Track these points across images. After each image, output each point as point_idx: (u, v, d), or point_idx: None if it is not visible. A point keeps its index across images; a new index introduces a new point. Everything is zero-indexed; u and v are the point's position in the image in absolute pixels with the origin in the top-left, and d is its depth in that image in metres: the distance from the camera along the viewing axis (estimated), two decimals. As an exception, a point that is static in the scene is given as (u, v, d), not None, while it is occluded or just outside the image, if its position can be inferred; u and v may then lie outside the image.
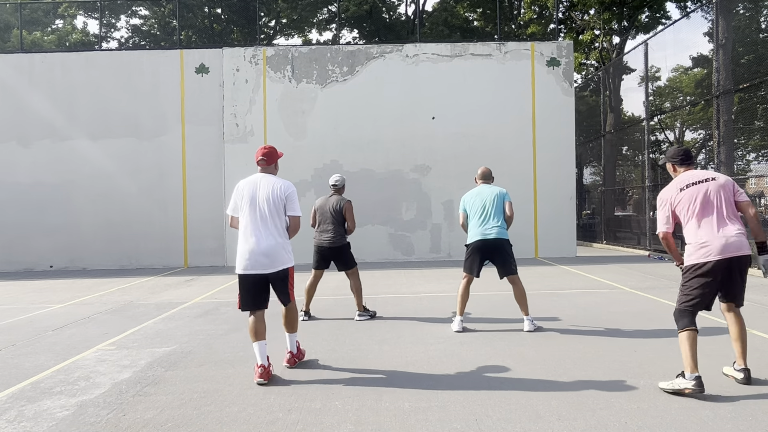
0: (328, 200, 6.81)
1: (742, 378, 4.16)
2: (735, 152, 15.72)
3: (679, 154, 4.40)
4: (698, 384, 3.87)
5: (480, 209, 5.96)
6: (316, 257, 6.83)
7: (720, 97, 12.08)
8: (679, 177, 4.32)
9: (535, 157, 14.30)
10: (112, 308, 8.00)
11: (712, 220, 4.12)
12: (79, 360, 5.16)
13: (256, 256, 4.43)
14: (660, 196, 4.37)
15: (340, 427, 3.47)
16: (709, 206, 4.14)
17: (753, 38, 14.93)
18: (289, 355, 4.79)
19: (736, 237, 4.07)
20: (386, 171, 14.34)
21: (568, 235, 14.29)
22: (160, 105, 14.29)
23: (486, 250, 5.94)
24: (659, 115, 20.67)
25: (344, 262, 6.79)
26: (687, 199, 4.18)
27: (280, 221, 4.50)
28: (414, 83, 14.33)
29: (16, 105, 14.19)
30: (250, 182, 4.61)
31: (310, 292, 6.90)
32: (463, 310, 6.07)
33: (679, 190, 4.23)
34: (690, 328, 4.05)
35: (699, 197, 4.15)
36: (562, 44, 14.68)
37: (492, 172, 6.38)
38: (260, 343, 4.45)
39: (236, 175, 14.17)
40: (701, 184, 4.19)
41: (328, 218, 6.69)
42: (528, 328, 5.90)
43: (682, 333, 4.07)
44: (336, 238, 6.67)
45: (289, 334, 4.80)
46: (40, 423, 3.64)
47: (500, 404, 3.78)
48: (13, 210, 14.04)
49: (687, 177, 4.27)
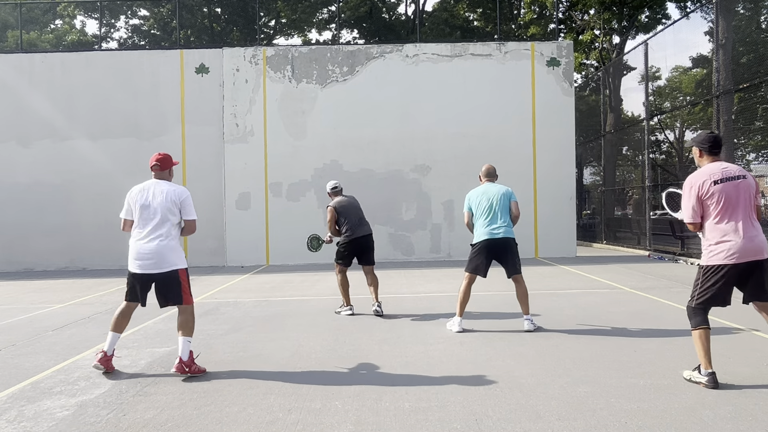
0: (349, 199, 7.07)
1: None
2: (735, 152, 15.71)
3: (709, 141, 4.15)
4: (712, 380, 3.97)
5: (487, 208, 5.89)
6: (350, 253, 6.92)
7: (720, 97, 12.08)
8: (711, 166, 4.11)
9: (535, 157, 14.30)
10: (112, 308, 7.99)
11: (738, 220, 4.00)
12: (79, 360, 5.16)
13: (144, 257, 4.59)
14: (689, 181, 4.13)
15: (340, 427, 3.46)
16: (739, 205, 4.01)
17: (753, 38, 14.94)
18: (177, 361, 4.44)
19: (760, 240, 4.01)
20: (386, 171, 14.34)
21: (568, 235, 14.29)
22: (160, 105, 14.29)
23: (494, 250, 5.89)
24: (659, 115, 20.68)
25: (372, 255, 7.04)
26: (719, 194, 4.00)
27: (171, 225, 4.63)
28: (414, 83, 14.33)
29: (16, 105, 14.20)
30: (142, 188, 4.76)
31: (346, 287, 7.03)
32: (463, 310, 6.03)
33: (713, 183, 4.03)
34: (703, 327, 4.06)
35: (732, 194, 4.00)
36: (562, 44, 14.68)
37: (496, 170, 6.32)
38: (115, 335, 4.66)
39: (236, 174, 14.22)
40: (737, 181, 4.02)
41: (359, 213, 6.99)
42: (528, 327, 5.90)
43: (696, 331, 4.10)
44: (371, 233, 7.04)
45: (181, 338, 4.52)
46: (40, 423, 3.64)
47: (500, 404, 3.78)
48: (12, 210, 14.04)
49: (720, 169, 4.06)
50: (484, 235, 5.87)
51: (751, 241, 3.97)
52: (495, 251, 5.90)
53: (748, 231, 3.99)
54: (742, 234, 3.97)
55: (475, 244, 5.98)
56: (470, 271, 5.99)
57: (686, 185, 4.17)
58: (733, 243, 3.98)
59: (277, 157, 14.25)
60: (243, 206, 14.21)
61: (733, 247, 3.97)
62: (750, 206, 4.04)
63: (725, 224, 4.01)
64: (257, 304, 8.02)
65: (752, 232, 4.00)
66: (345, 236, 6.92)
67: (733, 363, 4.60)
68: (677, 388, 4.03)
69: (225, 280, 10.99)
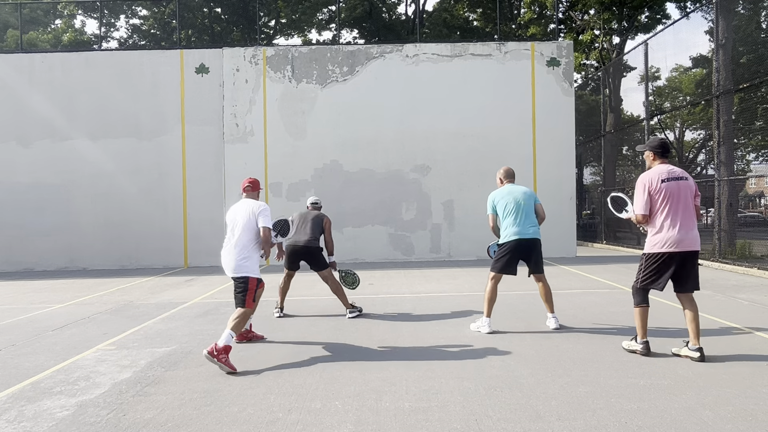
0: (309, 212, 7.21)
1: (698, 357, 4.62)
2: (735, 152, 15.71)
3: (661, 146, 4.82)
4: (645, 347, 4.78)
5: (514, 208, 5.90)
6: (288, 258, 6.97)
7: (720, 97, 12.07)
8: (660, 167, 4.76)
9: (535, 157, 14.30)
10: (112, 308, 8.00)
11: (678, 215, 4.65)
12: (79, 360, 5.16)
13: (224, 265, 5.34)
14: (641, 179, 4.77)
15: (340, 427, 3.46)
16: (680, 202, 4.66)
17: (753, 38, 14.94)
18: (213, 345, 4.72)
19: (694, 234, 4.69)
20: (386, 171, 14.33)
21: (568, 235, 14.28)
22: (159, 105, 14.29)
23: (523, 250, 5.92)
24: (659, 115, 20.67)
25: (317, 263, 6.94)
26: (666, 191, 4.66)
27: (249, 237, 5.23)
28: (414, 83, 14.32)
29: (16, 105, 14.19)
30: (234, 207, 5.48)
31: (283, 291, 7.11)
32: (491, 310, 5.96)
33: (661, 181, 4.68)
34: (643, 305, 4.85)
35: (675, 192, 4.65)
36: (562, 44, 14.68)
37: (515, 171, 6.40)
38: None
39: (236, 175, 14.20)
40: (680, 181, 4.68)
41: (309, 223, 7.00)
42: (553, 325, 5.96)
43: (637, 308, 4.86)
44: (311, 240, 6.92)
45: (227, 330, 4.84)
46: (40, 423, 3.64)
47: (500, 404, 3.78)
48: (12, 210, 14.04)
49: (667, 170, 4.72)
50: (514, 234, 5.89)
51: (687, 234, 4.63)
52: (524, 251, 5.94)
53: (686, 225, 4.65)
54: (680, 227, 4.63)
55: (503, 243, 5.96)
56: (498, 271, 5.96)
57: (639, 183, 4.78)
58: (672, 234, 4.63)
59: (277, 157, 14.26)
60: (243, 206, 14.19)
61: (672, 237, 4.63)
62: (689, 204, 4.68)
63: (667, 218, 4.66)
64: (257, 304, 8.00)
65: (689, 226, 4.66)
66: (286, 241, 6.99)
67: (733, 363, 4.60)
68: (677, 388, 4.04)
69: (225, 280, 10.98)
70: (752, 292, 8.15)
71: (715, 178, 12.59)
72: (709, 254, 12.53)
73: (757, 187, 41.19)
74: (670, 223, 4.65)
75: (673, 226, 4.64)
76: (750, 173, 27.23)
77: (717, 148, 12.30)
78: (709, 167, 26.57)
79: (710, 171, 25.21)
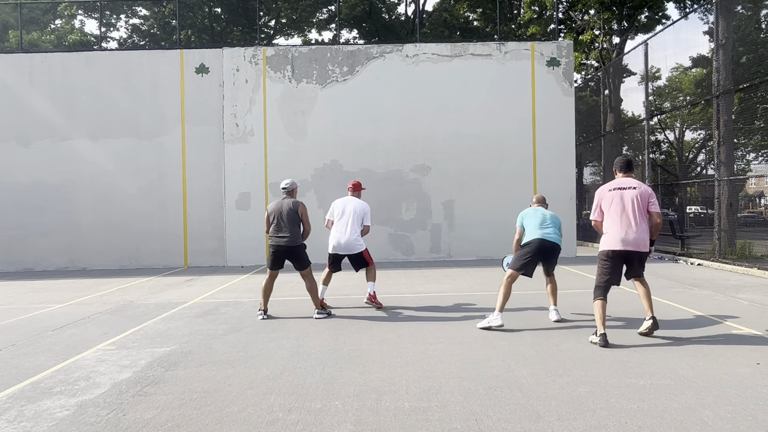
0: (282, 203, 7.02)
1: (651, 324, 5.38)
2: (735, 152, 15.72)
3: (621, 163, 5.65)
4: (603, 339, 5.18)
5: (541, 220, 6.37)
6: (271, 258, 7.01)
7: (720, 97, 12.07)
8: (616, 180, 5.55)
9: (535, 157, 14.30)
10: (112, 308, 8.00)
11: (623, 218, 5.34)
12: (79, 360, 5.16)
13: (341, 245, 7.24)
14: (598, 191, 5.62)
15: (340, 427, 3.46)
16: (625, 208, 5.35)
17: (753, 38, 14.94)
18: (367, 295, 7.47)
19: (637, 235, 5.31)
20: (386, 171, 14.33)
21: (568, 235, 14.22)
22: (159, 105, 14.29)
23: (544, 251, 6.26)
24: (659, 115, 20.67)
25: (299, 262, 6.97)
26: (610, 198, 5.44)
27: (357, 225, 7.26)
28: (414, 83, 14.32)
29: (16, 105, 14.19)
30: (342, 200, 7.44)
31: (266, 292, 7.08)
32: (504, 306, 6.10)
33: (608, 191, 5.48)
34: (601, 299, 5.38)
35: (619, 199, 5.38)
36: (562, 44, 14.67)
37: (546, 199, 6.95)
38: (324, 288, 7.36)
39: (236, 175, 14.22)
40: (625, 190, 5.40)
41: (284, 220, 6.90)
42: (555, 317, 6.38)
43: (596, 301, 5.39)
44: (292, 239, 6.88)
45: (369, 282, 7.45)
46: (40, 423, 3.64)
47: (500, 404, 3.78)
48: (12, 210, 14.04)
49: (618, 182, 5.51)
50: (538, 234, 6.24)
51: (630, 235, 5.31)
52: (545, 252, 6.29)
53: (631, 227, 5.32)
54: (625, 229, 5.32)
55: (527, 243, 6.27)
56: (516, 269, 6.19)
57: (596, 193, 5.63)
58: (617, 235, 5.35)
59: (277, 157, 14.26)
60: (243, 206, 14.21)
61: (617, 238, 5.35)
62: (638, 210, 5.32)
63: (613, 221, 5.39)
64: (257, 304, 8.00)
65: (633, 228, 5.31)
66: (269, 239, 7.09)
67: (733, 363, 4.61)
68: (677, 388, 4.04)
69: (225, 280, 10.99)
70: (752, 292, 8.15)
71: (715, 178, 12.60)
72: (709, 254, 12.54)
73: (757, 187, 41.18)
74: (615, 226, 5.36)
75: (618, 229, 5.34)
76: (750, 173, 27.24)
77: (717, 148, 12.30)
78: (709, 167, 26.59)
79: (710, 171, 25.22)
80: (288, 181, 7.22)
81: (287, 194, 7.11)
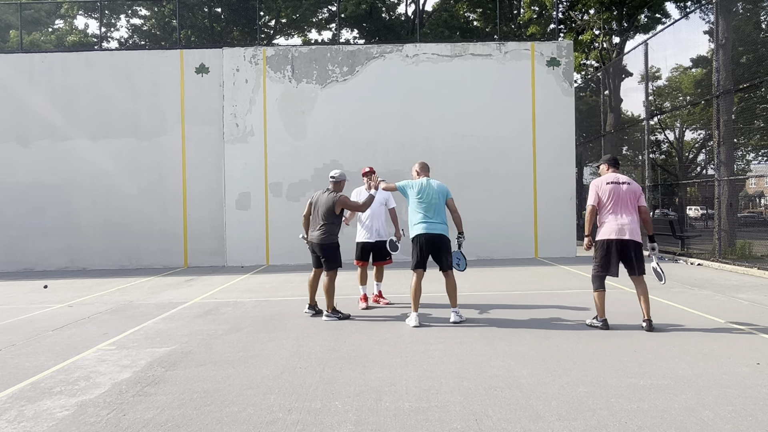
0: (322, 195, 6.82)
1: (646, 326, 5.75)
2: (735, 152, 15.72)
3: (611, 160, 6.13)
4: (604, 324, 5.84)
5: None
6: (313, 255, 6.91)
7: (720, 97, 12.07)
8: (607, 175, 6.02)
9: (535, 157, 14.29)
10: (112, 308, 8.00)
11: (617, 210, 5.83)
12: (79, 360, 5.16)
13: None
14: (593, 182, 6.06)
15: (340, 427, 3.46)
16: (619, 201, 5.83)
17: (753, 38, 14.94)
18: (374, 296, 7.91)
19: (631, 226, 5.78)
20: (386, 171, 14.29)
21: (568, 235, 14.28)
22: (159, 105, 14.28)
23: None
24: (659, 115, 20.67)
25: (327, 261, 6.73)
26: (608, 191, 5.86)
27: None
28: (414, 83, 14.32)
29: (16, 105, 14.19)
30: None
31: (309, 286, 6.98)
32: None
33: (605, 183, 5.91)
34: (600, 290, 5.92)
35: (615, 193, 5.85)
36: (562, 44, 14.67)
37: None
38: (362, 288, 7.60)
39: (236, 175, 14.22)
40: (620, 185, 5.87)
41: (319, 214, 6.72)
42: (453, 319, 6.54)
43: (595, 292, 5.94)
44: (322, 235, 6.68)
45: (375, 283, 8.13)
46: (40, 423, 3.64)
47: (500, 404, 3.78)
48: (12, 210, 14.04)
49: (612, 176, 5.96)
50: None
51: (623, 226, 5.76)
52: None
53: (625, 219, 5.79)
54: (619, 220, 5.79)
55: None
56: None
57: (591, 185, 6.04)
58: (613, 226, 5.80)
59: (277, 157, 14.25)
60: (243, 206, 14.21)
61: (612, 228, 5.79)
62: (630, 204, 5.82)
63: (609, 213, 5.86)
64: (257, 304, 8.02)
65: (627, 219, 5.78)
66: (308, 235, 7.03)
67: (733, 363, 4.61)
68: (677, 388, 4.04)
69: (225, 280, 10.99)
70: (752, 292, 8.15)
71: (715, 178, 12.60)
72: (709, 254, 12.54)
73: (757, 187, 41.19)
74: (612, 217, 5.81)
75: (614, 220, 5.79)
76: (750, 173, 27.24)
77: (717, 148, 12.30)
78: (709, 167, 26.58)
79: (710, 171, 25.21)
80: (338, 172, 6.91)
81: (333, 185, 6.81)
